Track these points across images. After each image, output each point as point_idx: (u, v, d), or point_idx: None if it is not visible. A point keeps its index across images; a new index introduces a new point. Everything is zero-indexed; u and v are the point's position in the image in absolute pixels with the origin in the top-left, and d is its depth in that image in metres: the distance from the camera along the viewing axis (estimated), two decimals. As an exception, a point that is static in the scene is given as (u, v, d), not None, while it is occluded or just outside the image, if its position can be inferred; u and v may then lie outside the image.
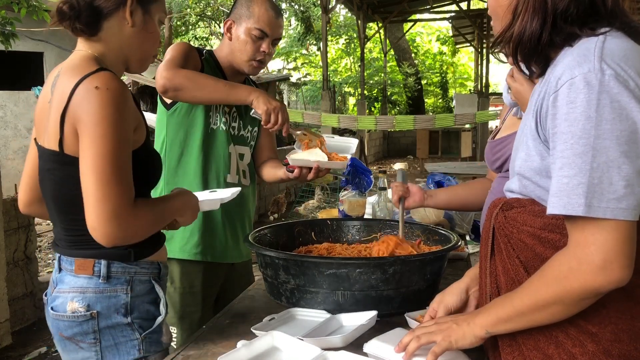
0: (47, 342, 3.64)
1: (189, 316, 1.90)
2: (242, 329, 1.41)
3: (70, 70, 1.24)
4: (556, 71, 0.93)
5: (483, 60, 16.62)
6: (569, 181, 0.86)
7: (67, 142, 1.21)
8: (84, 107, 1.16)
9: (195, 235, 1.90)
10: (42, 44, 8.53)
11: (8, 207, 3.70)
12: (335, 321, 1.38)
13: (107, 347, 1.30)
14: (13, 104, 8.84)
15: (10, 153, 8.79)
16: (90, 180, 1.15)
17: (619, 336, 0.92)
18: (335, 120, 9.53)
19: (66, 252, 1.32)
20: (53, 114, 1.22)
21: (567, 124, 0.87)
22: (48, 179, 1.29)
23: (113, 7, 1.26)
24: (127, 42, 1.31)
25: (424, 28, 24.61)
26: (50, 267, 5.19)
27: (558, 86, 0.90)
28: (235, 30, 1.92)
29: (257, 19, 1.88)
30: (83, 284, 1.29)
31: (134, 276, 1.32)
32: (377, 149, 16.48)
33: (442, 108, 22.28)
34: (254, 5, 1.89)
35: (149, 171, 1.35)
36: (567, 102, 0.88)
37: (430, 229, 1.85)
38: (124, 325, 1.30)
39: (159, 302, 1.36)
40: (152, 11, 1.33)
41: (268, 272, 1.55)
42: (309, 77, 22.15)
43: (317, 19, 17.02)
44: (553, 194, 0.89)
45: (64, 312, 1.29)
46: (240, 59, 1.93)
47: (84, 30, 1.27)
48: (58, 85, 1.24)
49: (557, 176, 0.88)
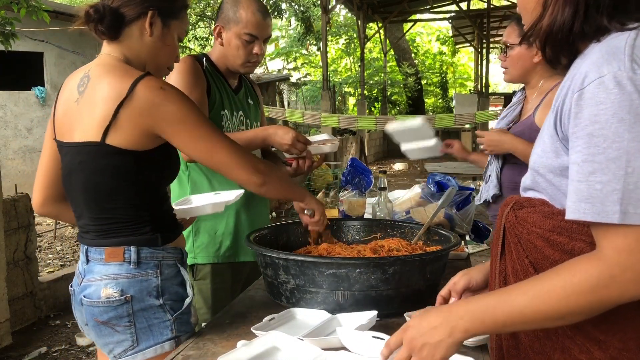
0: (47, 342, 3.65)
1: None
2: (242, 329, 1.41)
3: (108, 71, 1.33)
4: (582, 67, 0.88)
5: (483, 60, 16.62)
6: (602, 187, 0.82)
7: (114, 133, 1.29)
8: (163, 108, 1.30)
9: (227, 240, 1.99)
10: (42, 44, 8.53)
11: (8, 207, 3.70)
12: (335, 321, 1.38)
13: (141, 329, 1.37)
14: (13, 104, 8.84)
15: (10, 153, 8.79)
16: (220, 157, 1.37)
17: (627, 344, 0.90)
18: (335, 120, 9.53)
19: (95, 242, 1.39)
20: (97, 108, 1.30)
21: (599, 126, 0.82)
22: (79, 171, 1.37)
23: (135, 16, 1.37)
24: (145, 50, 1.41)
25: (423, 28, 24.61)
26: (51, 267, 5.19)
27: (584, 84, 0.85)
28: (225, 35, 1.94)
29: (246, 24, 1.90)
30: (115, 270, 1.36)
31: (161, 260, 1.40)
32: (377, 149, 16.48)
33: (442, 108, 22.28)
34: (241, 9, 1.89)
35: (175, 165, 1.48)
36: (596, 102, 0.83)
37: (430, 229, 1.85)
38: (156, 307, 1.38)
39: (185, 284, 1.45)
40: (172, 26, 1.44)
41: (268, 272, 1.55)
42: (309, 77, 22.14)
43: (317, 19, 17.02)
44: (583, 199, 0.84)
45: (98, 298, 1.36)
46: (235, 62, 1.97)
47: (106, 33, 1.37)
48: (94, 86, 1.33)
49: (588, 181, 0.83)
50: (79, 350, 3.52)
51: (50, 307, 4.11)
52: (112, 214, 1.36)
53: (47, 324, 3.94)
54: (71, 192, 1.43)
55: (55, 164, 1.48)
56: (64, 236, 6.45)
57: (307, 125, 13.45)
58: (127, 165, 1.33)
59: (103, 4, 1.36)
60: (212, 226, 1.98)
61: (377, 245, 1.76)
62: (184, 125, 1.32)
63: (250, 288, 1.79)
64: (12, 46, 4.71)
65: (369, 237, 1.92)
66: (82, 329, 1.48)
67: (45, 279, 4.16)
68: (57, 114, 1.43)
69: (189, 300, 1.44)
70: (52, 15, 6.00)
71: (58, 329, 3.86)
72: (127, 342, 1.38)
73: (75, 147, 1.36)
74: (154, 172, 1.39)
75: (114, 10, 1.36)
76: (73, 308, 1.46)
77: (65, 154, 1.41)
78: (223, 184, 1.93)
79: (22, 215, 3.85)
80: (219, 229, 1.99)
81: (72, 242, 6.14)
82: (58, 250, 5.86)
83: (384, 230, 1.93)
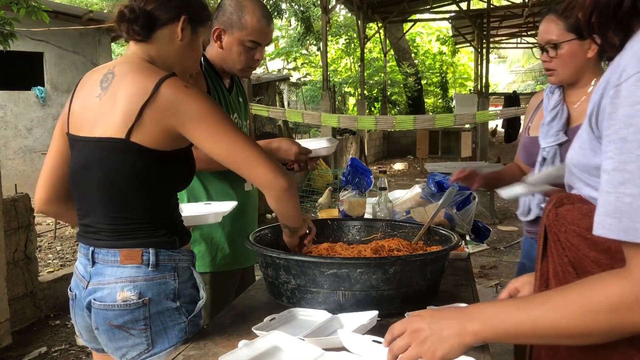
0: (47, 342, 3.64)
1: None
2: (243, 329, 1.41)
3: (134, 70, 1.34)
4: (624, 58, 0.76)
5: (483, 60, 16.60)
6: (632, 200, 0.71)
7: (138, 131, 1.30)
8: (186, 105, 1.31)
9: (224, 248, 1.98)
10: (42, 44, 8.53)
11: (8, 207, 3.70)
12: (336, 321, 1.38)
13: (156, 332, 1.36)
14: (13, 104, 8.83)
15: (10, 153, 8.78)
16: (243, 154, 1.34)
17: None
18: (335, 120, 9.51)
19: (107, 243, 1.36)
20: (122, 105, 1.31)
21: (633, 130, 0.72)
22: (97, 167, 1.35)
23: (167, 19, 1.41)
24: (174, 54, 1.44)
25: (423, 28, 24.59)
26: (51, 267, 5.18)
27: (621, 79, 0.74)
28: (226, 39, 1.87)
29: (251, 31, 1.84)
30: (131, 273, 1.34)
31: (178, 263, 1.40)
32: (377, 149, 16.48)
33: (442, 108, 22.26)
34: (246, 14, 1.83)
35: (191, 171, 1.47)
36: (632, 102, 0.72)
37: (430, 229, 1.85)
38: (172, 310, 1.37)
39: (198, 287, 1.45)
40: (199, 32, 1.48)
41: (269, 272, 1.55)
42: (309, 77, 22.12)
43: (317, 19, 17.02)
44: (610, 213, 0.74)
45: (113, 301, 1.33)
46: (234, 66, 1.92)
47: (139, 33, 1.39)
48: (118, 82, 1.33)
49: (617, 192, 0.73)
50: (79, 350, 3.52)
51: (50, 307, 4.11)
52: (129, 214, 1.35)
53: (47, 324, 3.94)
54: (83, 188, 1.40)
55: (62, 162, 1.47)
56: (64, 236, 6.45)
57: (307, 125, 13.45)
58: (147, 165, 1.33)
59: (138, 5, 1.37)
60: (207, 234, 1.96)
61: (378, 245, 1.76)
62: (206, 122, 1.32)
63: (251, 288, 1.79)
64: (12, 46, 4.71)
65: (370, 237, 1.92)
66: (80, 334, 1.45)
67: (45, 279, 4.16)
68: (73, 108, 1.42)
69: (201, 302, 1.44)
70: (52, 15, 6.00)
71: (58, 329, 3.86)
72: (142, 346, 1.36)
73: (96, 142, 1.35)
74: (172, 175, 1.39)
75: (149, 12, 1.39)
76: (72, 313, 1.43)
77: (80, 149, 1.39)
78: (219, 194, 1.95)
79: (22, 215, 3.85)
80: (214, 237, 1.97)
81: (72, 242, 6.14)
82: (58, 250, 5.86)
83: (384, 230, 1.93)
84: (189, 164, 1.45)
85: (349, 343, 1.22)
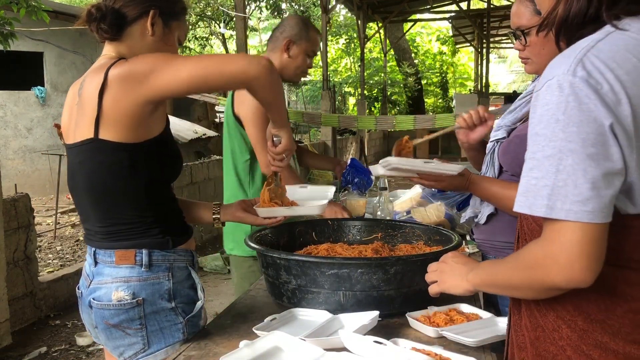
0: (47, 342, 3.64)
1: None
2: (243, 329, 1.41)
3: (92, 70, 1.36)
4: (547, 68, 0.92)
5: (483, 60, 16.62)
6: (536, 182, 0.88)
7: (105, 126, 1.30)
8: (135, 67, 1.28)
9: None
10: (42, 44, 8.54)
11: (8, 207, 3.70)
12: (337, 321, 1.38)
13: (152, 332, 1.37)
14: (13, 104, 8.84)
15: (10, 153, 8.78)
16: (206, 62, 1.29)
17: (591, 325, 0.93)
18: (335, 120, 9.52)
19: (103, 245, 1.38)
20: (86, 106, 1.31)
21: (542, 126, 0.88)
22: (80, 171, 1.37)
23: (136, 15, 1.39)
24: (147, 50, 1.41)
25: (424, 28, 24.59)
26: (50, 267, 5.18)
27: (540, 86, 0.90)
28: (294, 49, 2.28)
29: (314, 43, 2.32)
30: (126, 273, 1.36)
31: (173, 263, 1.40)
32: (377, 149, 16.47)
33: (442, 108, 22.24)
34: (311, 30, 2.32)
35: (173, 162, 1.45)
36: (543, 103, 0.88)
37: (431, 229, 1.85)
38: (168, 310, 1.38)
39: (196, 288, 1.45)
40: (173, 27, 1.46)
41: (269, 273, 1.55)
42: (309, 77, 22.11)
43: (317, 19, 17.02)
44: (521, 193, 0.91)
45: (109, 301, 1.35)
46: (295, 73, 2.31)
47: (108, 32, 1.38)
48: (86, 86, 1.34)
49: (527, 177, 0.90)
50: (79, 350, 3.52)
51: (50, 307, 4.11)
52: (117, 215, 1.36)
53: (47, 324, 3.94)
54: (76, 194, 1.43)
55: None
56: (64, 236, 6.45)
57: (307, 125, 13.45)
58: (123, 161, 1.32)
59: (105, 4, 1.37)
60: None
61: (379, 246, 1.76)
62: (163, 65, 1.27)
63: (252, 288, 1.79)
64: (12, 46, 4.71)
65: (370, 237, 1.92)
66: (89, 331, 1.48)
67: (45, 279, 4.16)
68: (63, 118, 1.45)
69: (200, 303, 1.44)
70: (52, 15, 6.00)
71: (58, 329, 3.86)
72: (138, 345, 1.37)
73: (75, 148, 1.37)
74: (151, 169, 1.37)
75: (117, 10, 1.37)
76: (80, 310, 1.46)
77: (68, 157, 1.42)
78: (255, 192, 2.09)
79: (22, 215, 3.85)
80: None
81: (72, 242, 6.14)
82: (58, 250, 5.85)
83: (384, 230, 1.93)
84: (168, 155, 1.42)
85: (349, 343, 1.22)
